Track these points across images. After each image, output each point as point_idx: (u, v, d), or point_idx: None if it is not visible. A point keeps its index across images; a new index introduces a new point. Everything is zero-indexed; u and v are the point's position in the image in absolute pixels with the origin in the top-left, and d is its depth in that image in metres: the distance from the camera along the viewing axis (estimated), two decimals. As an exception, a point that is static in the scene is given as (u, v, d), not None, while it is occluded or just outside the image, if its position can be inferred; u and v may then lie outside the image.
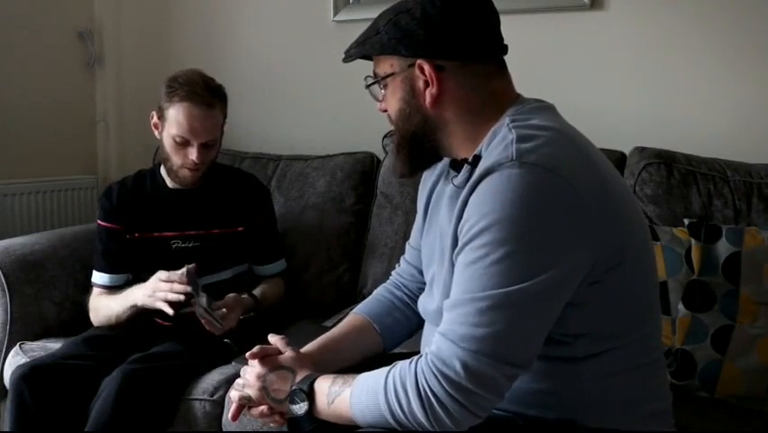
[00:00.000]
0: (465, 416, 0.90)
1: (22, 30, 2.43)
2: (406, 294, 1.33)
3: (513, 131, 0.96)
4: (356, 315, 1.31)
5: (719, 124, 1.94)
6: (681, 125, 1.97)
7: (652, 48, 2.00)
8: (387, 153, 2.13)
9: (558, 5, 2.07)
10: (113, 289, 1.80)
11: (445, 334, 0.92)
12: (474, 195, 0.94)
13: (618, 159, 1.83)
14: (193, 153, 1.70)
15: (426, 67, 1.02)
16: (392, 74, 1.06)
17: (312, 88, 2.43)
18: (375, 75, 1.10)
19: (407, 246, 1.36)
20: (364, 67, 1.14)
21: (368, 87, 1.12)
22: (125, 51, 2.70)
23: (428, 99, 1.04)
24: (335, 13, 2.34)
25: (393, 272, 1.39)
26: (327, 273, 2.07)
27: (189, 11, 2.60)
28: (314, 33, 2.40)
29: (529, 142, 0.94)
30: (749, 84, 1.91)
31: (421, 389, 0.91)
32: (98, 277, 1.82)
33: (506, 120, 1.01)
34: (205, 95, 1.68)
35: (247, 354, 1.15)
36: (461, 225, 0.96)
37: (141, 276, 1.84)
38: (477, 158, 1.01)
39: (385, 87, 1.09)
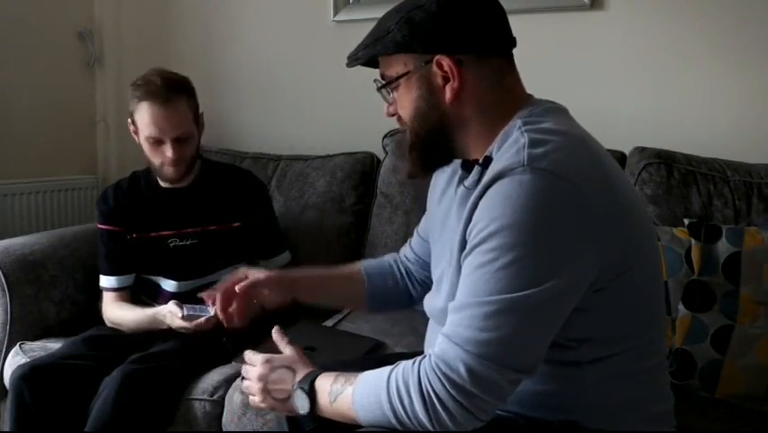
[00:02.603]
0: (467, 418, 0.90)
1: (22, 30, 2.43)
2: (407, 271, 1.37)
3: (525, 135, 0.95)
4: (356, 265, 1.36)
5: (719, 124, 1.94)
6: (681, 125, 1.97)
7: (652, 48, 2.00)
8: (387, 153, 2.13)
9: (558, 5, 2.07)
10: (122, 290, 1.81)
11: (450, 336, 0.92)
12: (484, 199, 0.94)
13: (618, 159, 1.82)
14: (168, 150, 1.70)
15: (446, 62, 1.00)
16: (406, 73, 1.04)
17: (312, 88, 2.43)
18: (384, 76, 1.08)
19: (415, 232, 1.37)
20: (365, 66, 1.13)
21: (379, 89, 1.09)
22: (125, 51, 2.70)
23: (449, 95, 1.01)
24: (335, 13, 2.34)
25: (402, 249, 1.41)
26: (327, 273, 2.07)
27: (189, 11, 2.60)
28: (314, 33, 2.40)
29: (540, 147, 0.93)
30: (749, 84, 1.91)
31: (424, 390, 0.91)
32: (105, 281, 1.82)
33: (517, 122, 0.99)
34: (161, 92, 1.67)
35: (245, 354, 1.16)
36: (470, 227, 0.95)
37: (142, 277, 1.84)
38: (487, 159, 1.00)
39: (395, 88, 1.06)
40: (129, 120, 1.75)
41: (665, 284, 1.52)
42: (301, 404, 1.05)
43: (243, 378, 1.16)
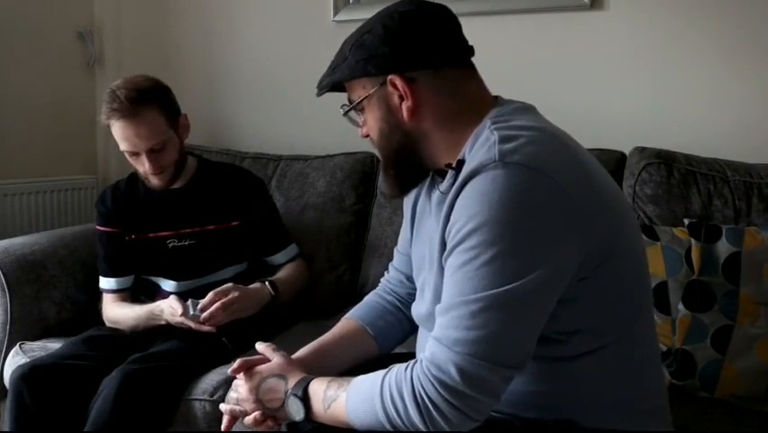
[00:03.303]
0: (463, 420, 0.91)
1: (22, 30, 2.43)
2: (397, 299, 1.33)
3: (495, 132, 0.96)
4: (348, 319, 1.31)
5: (719, 125, 1.94)
6: (681, 125, 1.96)
7: (652, 48, 1.99)
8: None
9: (558, 5, 2.07)
10: (121, 291, 1.82)
11: (439, 339, 0.93)
12: (460, 197, 0.94)
13: (618, 159, 1.83)
14: (145, 162, 1.69)
15: (398, 81, 1.02)
16: (366, 96, 1.07)
17: (312, 88, 2.39)
18: (350, 101, 1.11)
19: (395, 252, 1.35)
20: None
21: (345, 114, 1.12)
22: (125, 51, 2.70)
23: (405, 113, 1.04)
24: (335, 13, 2.34)
25: (382, 279, 1.38)
26: (327, 273, 2.07)
27: (189, 11, 2.60)
28: (314, 33, 2.40)
29: (512, 142, 0.94)
30: (749, 84, 1.91)
31: (417, 395, 0.91)
32: (105, 282, 1.83)
33: (487, 122, 1.01)
34: (123, 107, 1.62)
35: (229, 370, 1.15)
36: (448, 228, 0.96)
37: (141, 277, 1.84)
38: (461, 162, 1.01)
39: (362, 111, 1.09)
40: None
41: (665, 284, 1.53)
42: (296, 411, 1.05)
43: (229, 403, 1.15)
